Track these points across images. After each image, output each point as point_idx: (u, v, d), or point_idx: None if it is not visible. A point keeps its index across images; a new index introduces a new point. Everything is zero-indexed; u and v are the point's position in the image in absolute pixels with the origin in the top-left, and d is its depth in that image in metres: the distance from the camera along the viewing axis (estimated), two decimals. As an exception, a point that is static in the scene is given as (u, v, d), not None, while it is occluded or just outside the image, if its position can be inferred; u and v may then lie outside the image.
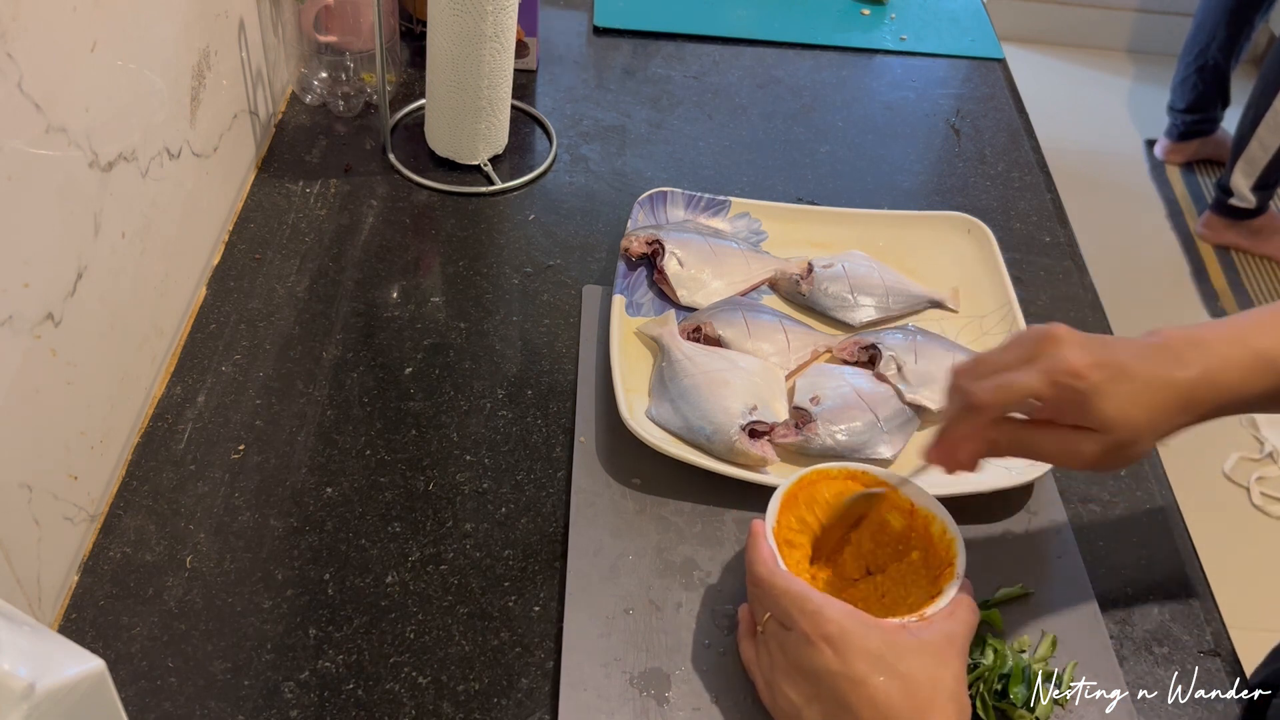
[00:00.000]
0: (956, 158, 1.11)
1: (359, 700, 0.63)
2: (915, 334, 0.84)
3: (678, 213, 0.95)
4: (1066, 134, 2.91)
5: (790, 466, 0.75)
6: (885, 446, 0.77)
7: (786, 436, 0.76)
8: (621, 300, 0.85)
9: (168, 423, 0.77)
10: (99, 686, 0.44)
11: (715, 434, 0.75)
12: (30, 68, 0.58)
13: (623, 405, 0.76)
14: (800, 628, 0.58)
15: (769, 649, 0.61)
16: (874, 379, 0.81)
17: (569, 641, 0.66)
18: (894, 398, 0.79)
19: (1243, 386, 0.59)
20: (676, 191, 0.95)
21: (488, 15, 0.91)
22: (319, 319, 0.85)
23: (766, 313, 0.86)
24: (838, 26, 1.28)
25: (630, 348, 0.83)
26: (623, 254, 0.88)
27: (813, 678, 0.58)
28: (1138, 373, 0.58)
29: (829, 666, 0.57)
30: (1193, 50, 2.71)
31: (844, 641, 0.57)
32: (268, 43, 0.99)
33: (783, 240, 0.94)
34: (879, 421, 0.77)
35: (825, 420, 0.77)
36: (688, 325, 0.84)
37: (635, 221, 0.91)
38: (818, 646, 0.57)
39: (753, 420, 0.76)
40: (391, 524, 0.72)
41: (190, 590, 0.68)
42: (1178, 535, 0.77)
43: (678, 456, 0.74)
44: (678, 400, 0.78)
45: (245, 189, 0.96)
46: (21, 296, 0.60)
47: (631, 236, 0.89)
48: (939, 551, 0.66)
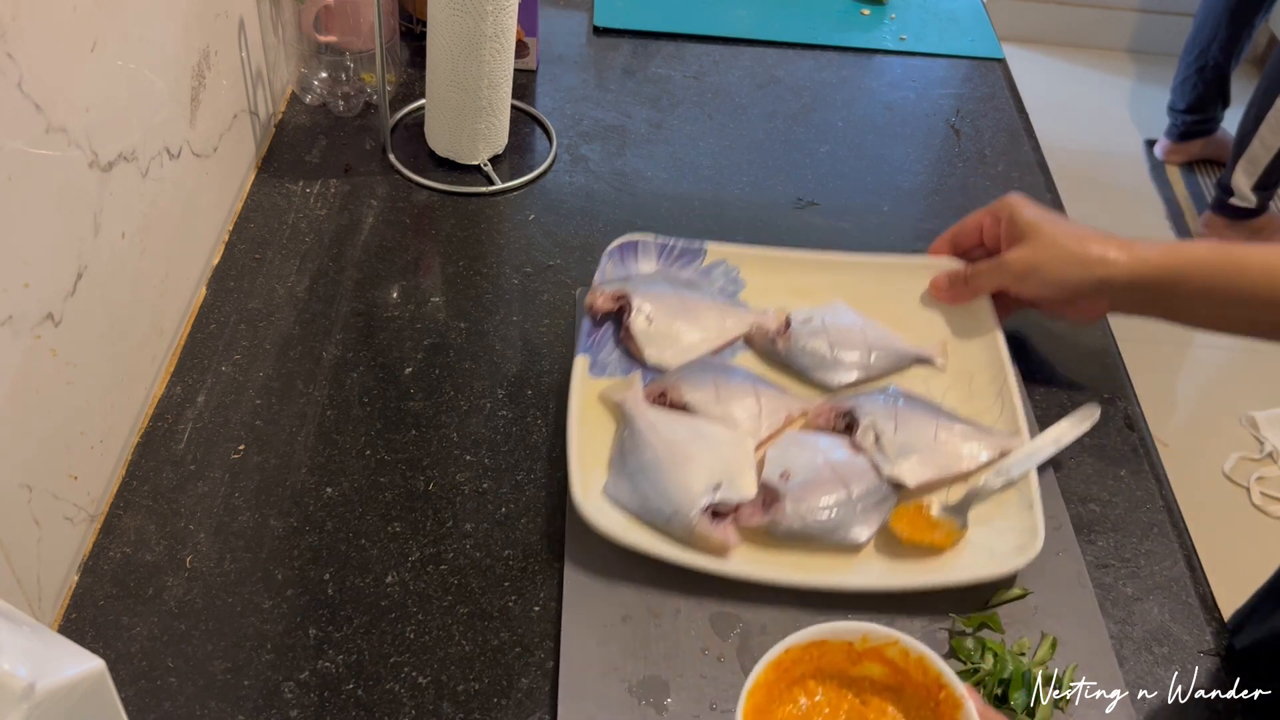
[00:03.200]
0: (956, 158, 1.11)
1: (359, 700, 0.63)
2: (897, 398, 0.78)
3: (649, 264, 0.87)
4: (1067, 134, 2.91)
5: (756, 550, 0.70)
6: (858, 528, 0.70)
7: (753, 517, 0.70)
8: (585, 361, 0.79)
9: (168, 423, 0.77)
10: (99, 686, 0.44)
11: (674, 515, 0.69)
12: (30, 68, 0.58)
13: (575, 484, 0.70)
14: None
15: None
16: (850, 448, 0.75)
17: (567, 651, 0.66)
18: (870, 471, 0.73)
19: (1164, 263, 0.76)
20: (648, 241, 0.87)
21: (488, 15, 0.91)
22: (319, 319, 0.85)
23: (738, 374, 0.79)
24: (838, 26, 1.28)
25: (593, 413, 0.77)
26: (587, 310, 0.82)
27: None
28: (1073, 234, 0.79)
29: None
30: (1193, 50, 2.71)
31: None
32: (268, 43, 0.99)
33: (762, 289, 0.87)
34: (852, 500, 0.71)
35: (795, 499, 0.70)
36: (654, 389, 0.78)
37: (603, 274, 0.84)
38: None
39: (716, 500, 0.70)
40: (391, 524, 0.72)
41: (190, 590, 0.68)
42: (1178, 535, 0.77)
43: (629, 545, 0.68)
44: (637, 476, 0.71)
45: (245, 189, 0.96)
46: (21, 296, 0.60)
47: (597, 292, 0.82)
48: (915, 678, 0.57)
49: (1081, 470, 0.80)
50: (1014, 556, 0.69)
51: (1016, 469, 0.75)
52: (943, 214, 1.03)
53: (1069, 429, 0.79)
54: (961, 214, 1.02)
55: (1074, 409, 0.85)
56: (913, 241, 0.99)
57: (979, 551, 0.71)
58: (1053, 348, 0.90)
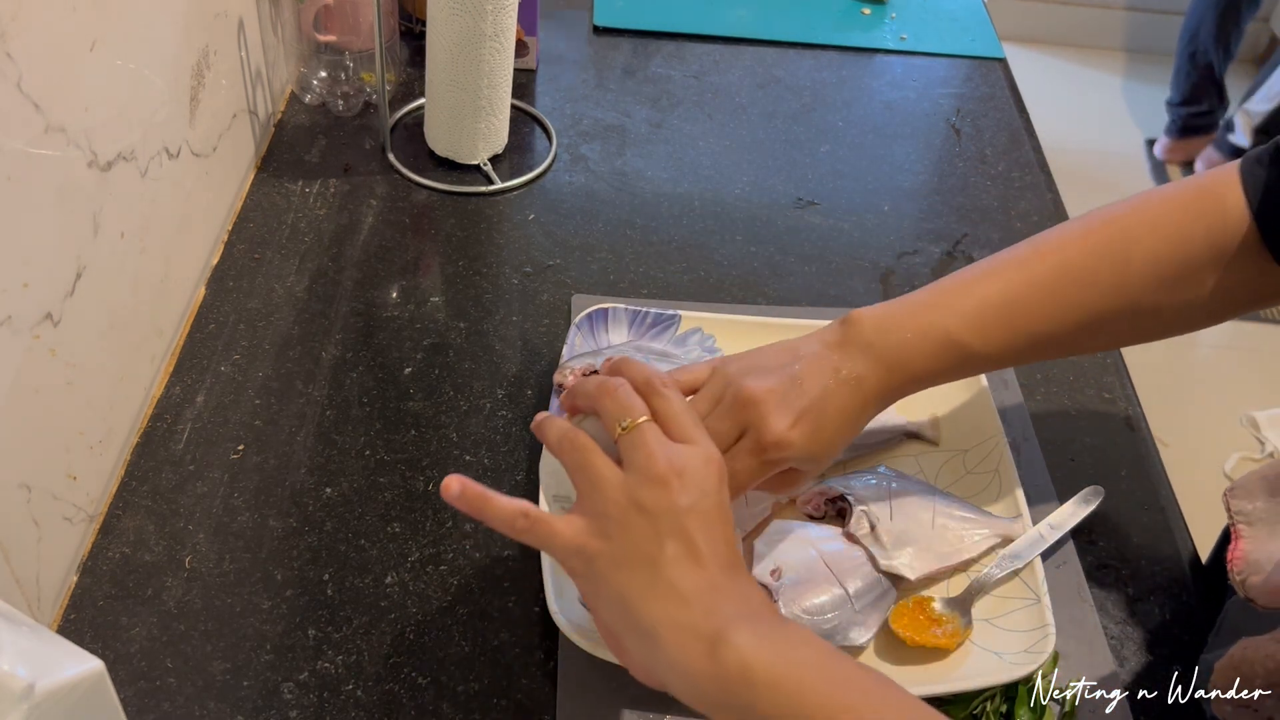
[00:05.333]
0: (957, 157, 1.11)
1: (359, 701, 0.63)
2: (889, 480, 0.73)
3: (620, 334, 0.83)
4: (1067, 134, 2.91)
5: None
6: (857, 630, 0.66)
7: None
8: None
9: (167, 423, 0.77)
10: (98, 687, 0.44)
11: None
12: (30, 67, 0.58)
13: (550, 591, 0.65)
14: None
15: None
16: (844, 539, 0.70)
17: (565, 650, 0.66)
18: (866, 564, 0.69)
19: (928, 369, 0.64)
20: (619, 308, 0.83)
21: (487, 15, 0.91)
22: (318, 319, 0.85)
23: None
24: (838, 26, 1.28)
25: (569, 503, 0.71)
26: (556, 389, 0.78)
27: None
28: (832, 404, 0.62)
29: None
30: (1184, 38, 2.76)
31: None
32: (267, 42, 0.99)
33: None
34: (850, 599, 0.66)
35: (788, 599, 0.66)
36: None
37: (572, 348, 0.80)
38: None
39: None
40: (391, 524, 0.72)
41: (189, 591, 0.68)
42: (1178, 535, 0.77)
43: (608, 660, 0.61)
44: None
45: (244, 189, 0.96)
46: (21, 296, 0.60)
47: (566, 369, 0.78)
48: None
49: (1082, 471, 0.80)
50: (1027, 660, 0.65)
51: (1020, 558, 0.70)
52: (943, 214, 1.03)
53: (1071, 514, 0.75)
54: (962, 214, 1.02)
55: (1074, 410, 0.85)
56: (913, 241, 0.99)
57: (986, 655, 0.66)
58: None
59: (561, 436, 0.55)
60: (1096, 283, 0.64)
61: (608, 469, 0.53)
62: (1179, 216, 0.64)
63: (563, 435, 0.55)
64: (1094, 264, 0.64)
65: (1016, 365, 0.80)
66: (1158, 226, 0.64)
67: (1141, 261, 0.64)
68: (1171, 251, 0.63)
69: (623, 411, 0.54)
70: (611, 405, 0.55)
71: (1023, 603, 0.68)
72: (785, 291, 0.93)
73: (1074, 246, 0.65)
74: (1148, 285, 0.64)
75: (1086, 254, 0.65)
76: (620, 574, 0.51)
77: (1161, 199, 0.65)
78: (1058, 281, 0.64)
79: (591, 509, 0.53)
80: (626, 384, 0.56)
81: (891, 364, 0.63)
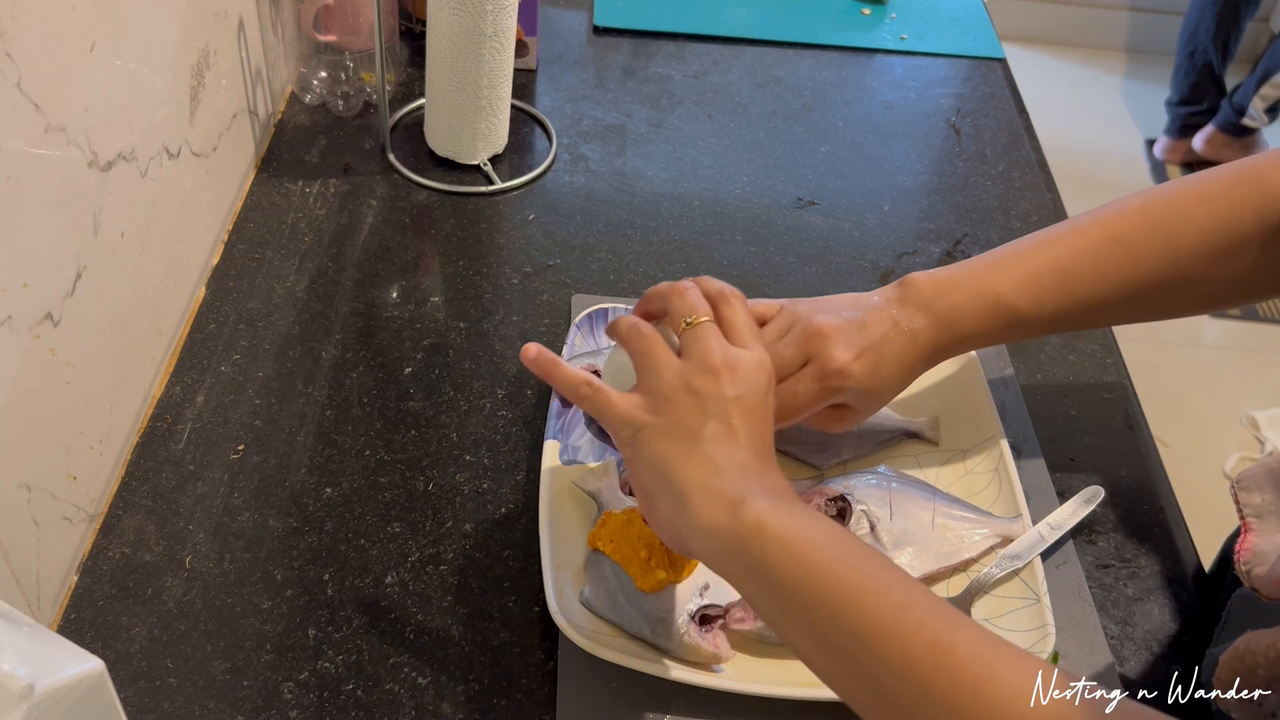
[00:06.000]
0: (957, 157, 1.11)
1: (359, 701, 0.63)
2: (890, 480, 0.73)
3: None
4: (1067, 134, 2.91)
5: (747, 659, 0.65)
6: None
7: (744, 622, 0.65)
8: (554, 447, 0.73)
9: (167, 423, 0.77)
10: (98, 687, 0.44)
11: (659, 624, 0.64)
12: (29, 67, 0.58)
13: (550, 592, 0.65)
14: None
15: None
16: None
17: (565, 650, 0.66)
18: None
19: (979, 330, 0.68)
20: (619, 308, 0.83)
21: (487, 15, 0.91)
22: (318, 319, 0.85)
23: None
24: (838, 26, 1.28)
25: (567, 505, 0.71)
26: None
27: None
28: (890, 348, 0.67)
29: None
30: (1183, 37, 2.77)
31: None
32: (267, 42, 0.99)
33: None
34: None
35: None
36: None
37: (571, 347, 0.80)
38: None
39: (704, 605, 0.65)
40: (391, 524, 0.72)
41: (189, 590, 0.68)
42: (1178, 535, 0.77)
43: (612, 660, 0.62)
44: (613, 580, 0.66)
45: (244, 189, 0.96)
46: (20, 296, 0.60)
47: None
48: None
49: (1081, 471, 0.80)
50: None
51: (1020, 558, 0.70)
52: (943, 214, 1.03)
53: (1071, 514, 0.75)
54: (962, 214, 1.02)
55: (1074, 410, 0.85)
56: (913, 242, 0.99)
57: None
58: (1053, 347, 0.90)
59: (630, 326, 0.60)
60: (1148, 253, 0.67)
61: (667, 356, 0.58)
62: (1229, 193, 0.67)
63: (631, 326, 0.60)
64: (1145, 235, 0.67)
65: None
66: (1208, 200, 0.67)
67: (1193, 234, 0.67)
68: (1221, 226, 0.66)
69: (689, 310, 0.59)
70: (679, 303, 0.60)
71: (1023, 603, 0.68)
72: (785, 291, 0.93)
73: (1128, 218, 0.68)
74: (1197, 258, 0.67)
75: (1139, 225, 0.68)
76: (662, 442, 0.56)
77: (1215, 176, 0.68)
78: (1110, 250, 0.68)
79: (647, 388, 0.58)
80: (696, 288, 0.61)
81: (945, 323, 0.68)
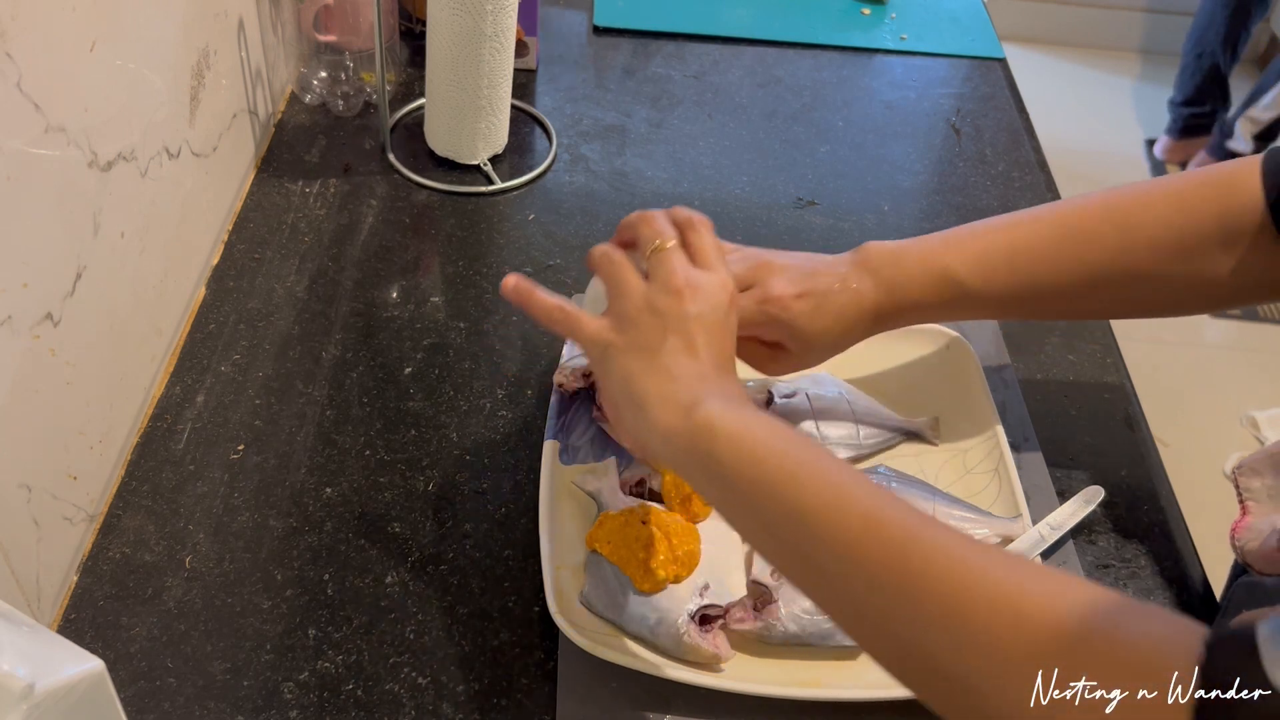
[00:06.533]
0: (957, 157, 1.11)
1: (359, 700, 0.63)
2: (889, 480, 0.74)
3: None
4: (1067, 134, 2.91)
5: (747, 659, 0.65)
6: None
7: (744, 622, 0.65)
8: (554, 447, 0.73)
9: (167, 423, 0.77)
10: (98, 687, 0.44)
11: (659, 624, 0.64)
12: (29, 67, 0.58)
13: (550, 591, 0.64)
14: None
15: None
16: None
17: (565, 650, 0.66)
18: None
19: (923, 299, 0.69)
20: None
21: (487, 15, 0.91)
22: (318, 319, 0.85)
23: None
24: (838, 26, 1.28)
25: (567, 505, 0.71)
26: (556, 389, 0.76)
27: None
28: (833, 300, 0.68)
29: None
30: (1191, 38, 2.76)
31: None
32: (267, 42, 0.99)
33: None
34: None
35: (788, 599, 0.65)
36: (630, 477, 0.73)
37: (572, 347, 0.79)
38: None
39: (704, 605, 0.65)
40: (391, 524, 0.72)
41: (189, 590, 0.68)
42: (1178, 535, 0.77)
43: (613, 661, 0.62)
44: (613, 580, 0.66)
45: (244, 189, 0.96)
46: (20, 296, 0.60)
47: (565, 369, 0.76)
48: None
49: (1081, 470, 0.80)
50: None
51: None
52: (943, 214, 1.03)
53: (1071, 514, 0.75)
54: (962, 214, 1.02)
55: (1074, 409, 0.85)
56: (913, 241, 0.99)
57: None
58: (1053, 347, 0.90)
59: (602, 254, 0.63)
60: (1100, 240, 0.68)
61: (634, 280, 0.61)
62: (1193, 191, 0.67)
63: (604, 253, 0.63)
64: (1100, 224, 0.68)
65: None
66: (1171, 196, 0.67)
67: (1150, 226, 0.67)
68: (1180, 221, 0.66)
69: (656, 235, 0.62)
70: (646, 230, 0.63)
71: None
72: (785, 291, 0.93)
73: (1089, 209, 0.69)
74: (1153, 251, 0.67)
75: (1097, 215, 0.68)
76: (626, 358, 0.59)
77: (1186, 175, 0.69)
78: (1063, 235, 0.68)
79: (615, 310, 0.61)
80: (664, 216, 0.64)
81: (890, 288, 0.69)
